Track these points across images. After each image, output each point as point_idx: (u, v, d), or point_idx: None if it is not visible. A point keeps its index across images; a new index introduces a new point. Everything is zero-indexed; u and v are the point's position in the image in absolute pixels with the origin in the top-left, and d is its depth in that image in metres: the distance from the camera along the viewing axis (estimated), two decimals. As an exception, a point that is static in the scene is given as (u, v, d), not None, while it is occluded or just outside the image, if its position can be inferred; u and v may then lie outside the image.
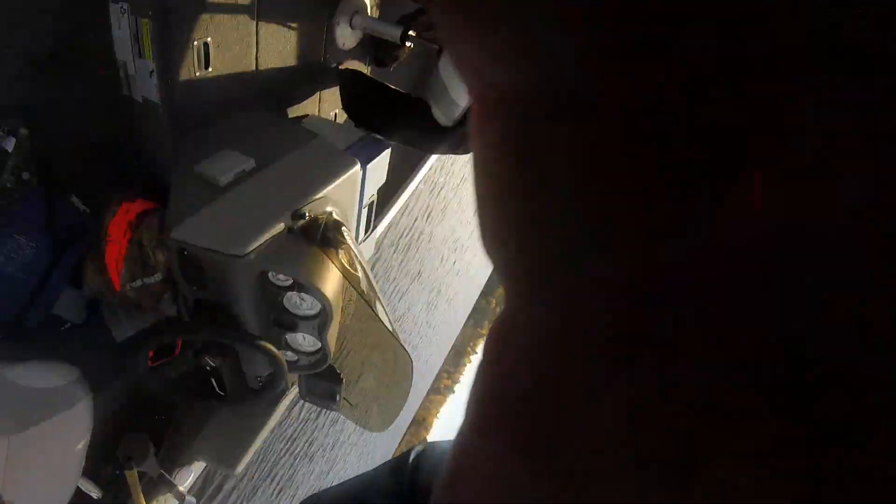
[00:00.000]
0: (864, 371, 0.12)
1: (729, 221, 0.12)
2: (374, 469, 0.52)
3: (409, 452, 0.55)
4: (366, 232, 1.84)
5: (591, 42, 0.12)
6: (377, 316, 1.35)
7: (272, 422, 1.81)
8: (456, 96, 1.53)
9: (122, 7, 1.51)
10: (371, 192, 1.74)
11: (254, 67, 1.67)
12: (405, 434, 12.54)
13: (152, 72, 1.50)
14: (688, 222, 0.13)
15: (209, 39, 1.51)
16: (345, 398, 1.58)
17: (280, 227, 1.28)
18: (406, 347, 1.43)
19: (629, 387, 0.14)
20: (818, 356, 0.13)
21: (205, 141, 1.52)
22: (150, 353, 1.46)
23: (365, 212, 1.75)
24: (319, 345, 1.40)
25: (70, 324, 1.73)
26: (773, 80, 0.11)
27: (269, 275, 1.28)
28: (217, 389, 1.50)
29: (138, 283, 1.52)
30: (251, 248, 1.25)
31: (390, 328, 1.38)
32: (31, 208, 1.52)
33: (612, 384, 0.14)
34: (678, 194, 0.12)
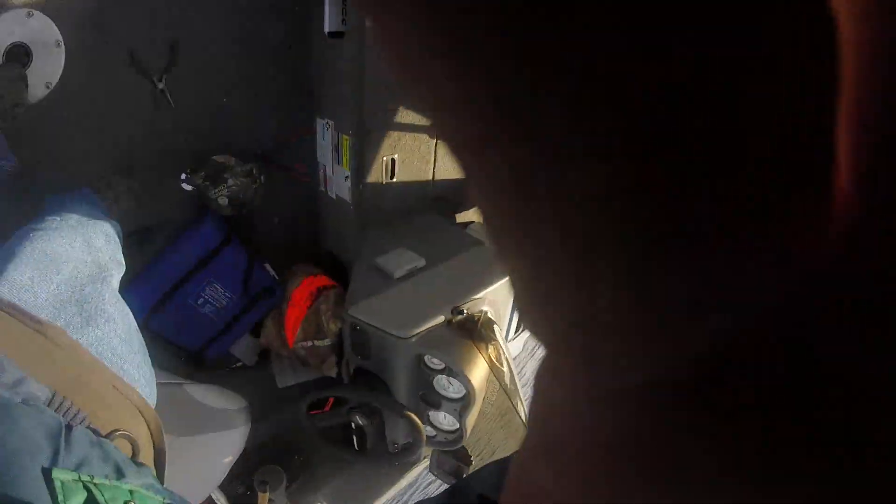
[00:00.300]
0: (864, 371, 0.12)
1: (727, 221, 0.12)
2: (485, 465, 0.59)
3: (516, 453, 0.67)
4: (516, 331, 2.02)
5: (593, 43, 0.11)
6: (515, 409, 1.58)
7: (398, 485, 2.03)
8: None
9: (326, 123, 1.90)
10: None
11: (430, 179, 2.01)
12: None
13: (347, 177, 1.86)
14: (687, 222, 0.12)
15: (396, 156, 1.86)
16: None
17: (440, 318, 1.54)
18: None
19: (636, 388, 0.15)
20: (818, 356, 0.13)
21: (385, 237, 1.84)
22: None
23: (516, 314, 1.93)
24: (458, 425, 1.59)
25: (241, 363, 2.08)
26: (773, 79, 0.11)
27: (426, 357, 1.54)
28: (356, 445, 1.76)
29: (310, 343, 1.85)
30: (414, 333, 1.51)
31: (525, 422, 1.58)
32: (234, 266, 1.90)
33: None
34: (678, 194, 0.12)
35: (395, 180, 1.89)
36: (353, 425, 1.70)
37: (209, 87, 1.74)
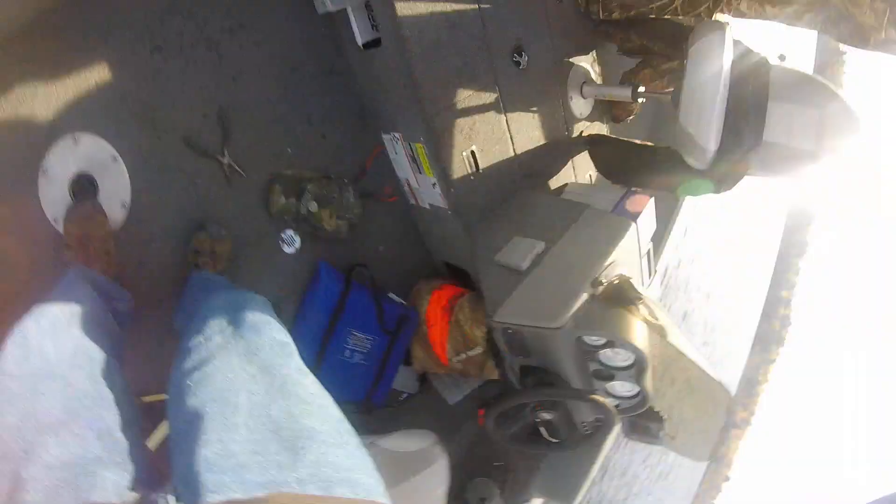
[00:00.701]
0: None
1: None
2: None
3: None
4: (649, 277, 1.97)
5: None
6: (685, 354, 1.51)
7: (599, 460, 2.03)
8: (704, 142, 1.66)
9: (393, 136, 1.84)
10: (646, 241, 1.88)
11: (513, 155, 1.92)
12: (706, 473, 11.98)
13: (434, 184, 1.81)
14: None
15: (474, 147, 1.78)
16: (666, 433, 1.71)
17: (584, 296, 1.49)
18: (715, 377, 1.57)
19: None
20: None
21: (493, 229, 1.79)
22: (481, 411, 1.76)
23: (644, 261, 1.89)
24: (637, 389, 1.56)
25: (406, 394, 2.12)
26: None
27: (584, 338, 1.49)
28: (548, 438, 1.76)
29: (462, 356, 1.84)
30: (565, 320, 1.47)
31: (698, 361, 1.53)
32: (364, 308, 1.91)
33: None
34: None
35: (481, 171, 1.81)
36: (538, 420, 1.69)
37: (271, 143, 1.73)
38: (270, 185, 1.75)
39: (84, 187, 1.43)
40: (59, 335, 0.96)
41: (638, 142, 2.19)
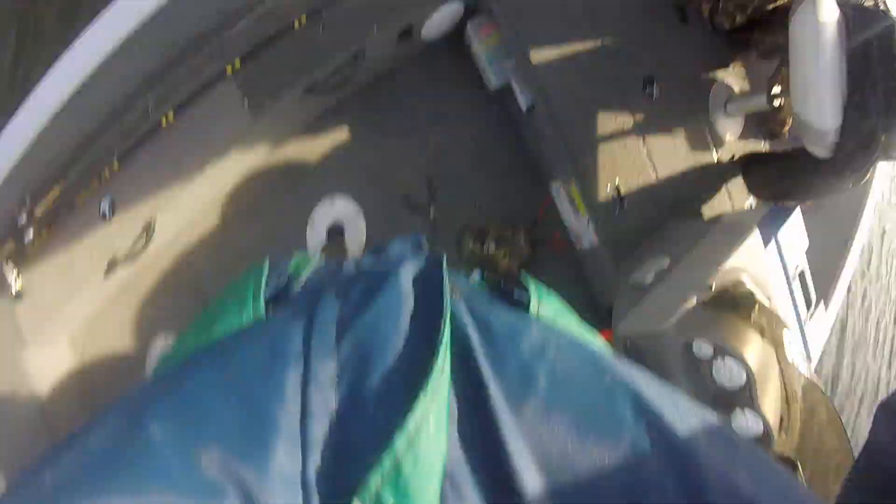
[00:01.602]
0: None
1: None
2: None
3: None
4: (808, 308, 1.73)
5: None
6: (804, 377, 1.30)
7: None
8: (818, 122, 1.52)
9: (557, 185, 2.04)
10: (794, 261, 1.69)
11: (656, 184, 1.94)
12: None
13: (588, 222, 1.91)
14: None
15: (617, 180, 1.87)
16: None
17: (692, 301, 1.43)
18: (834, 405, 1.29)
19: None
20: None
21: (634, 260, 1.82)
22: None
23: (797, 284, 1.70)
24: (762, 423, 1.33)
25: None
26: None
27: (694, 348, 1.40)
28: None
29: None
30: (669, 324, 1.41)
31: (822, 386, 1.29)
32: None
33: None
34: None
35: (626, 207, 1.88)
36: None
37: (464, 200, 2.16)
38: (462, 232, 2.15)
39: (334, 232, 2.07)
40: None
41: (780, 151, 1.97)
